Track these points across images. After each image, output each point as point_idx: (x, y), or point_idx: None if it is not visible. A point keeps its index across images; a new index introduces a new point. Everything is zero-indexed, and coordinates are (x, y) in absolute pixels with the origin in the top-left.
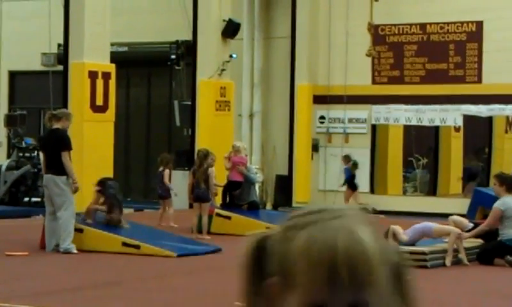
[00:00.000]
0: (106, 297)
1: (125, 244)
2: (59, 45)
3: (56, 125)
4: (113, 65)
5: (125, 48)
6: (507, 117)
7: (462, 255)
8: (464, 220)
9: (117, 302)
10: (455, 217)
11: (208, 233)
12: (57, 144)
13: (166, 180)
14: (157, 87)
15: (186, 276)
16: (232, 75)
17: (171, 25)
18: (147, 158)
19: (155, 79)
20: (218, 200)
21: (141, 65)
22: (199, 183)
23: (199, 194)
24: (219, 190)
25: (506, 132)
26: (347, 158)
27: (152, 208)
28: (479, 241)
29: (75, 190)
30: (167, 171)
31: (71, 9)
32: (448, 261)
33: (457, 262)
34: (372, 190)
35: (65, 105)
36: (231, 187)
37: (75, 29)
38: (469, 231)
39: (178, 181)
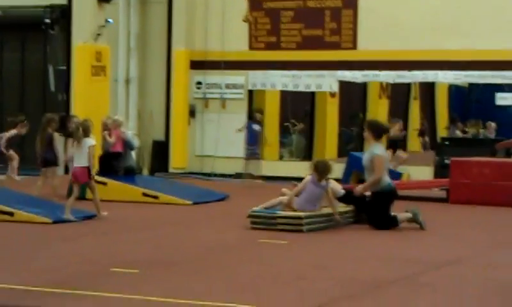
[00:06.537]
0: None
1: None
2: None
3: None
4: None
5: None
6: (381, 83)
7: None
8: (338, 186)
9: None
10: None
11: (81, 199)
12: None
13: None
14: (31, 52)
15: (64, 243)
16: (108, 40)
17: None
18: None
19: (29, 44)
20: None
21: (14, 29)
22: (43, 147)
23: (46, 157)
24: (96, 160)
25: (380, 97)
26: None
27: (31, 175)
28: (351, 207)
29: None
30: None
31: None
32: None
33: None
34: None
35: None
36: (111, 158)
37: None
38: (340, 197)
39: None
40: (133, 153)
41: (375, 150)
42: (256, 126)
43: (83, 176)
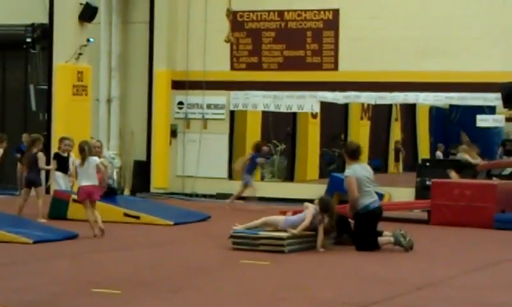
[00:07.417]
0: None
1: None
2: None
3: None
4: None
5: None
6: (362, 104)
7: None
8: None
9: None
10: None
11: (63, 218)
12: None
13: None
14: (12, 71)
15: (45, 262)
16: (90, 59)
17: (26, 8)
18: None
19: (10, 63)
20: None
21: None
22: (28, 168)
23: (30, 177)
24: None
25: (361, 118)
26: None
27: (7, 194)
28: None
29: None
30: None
31: None
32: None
33: (312, 247)
34: (230, 177)
35: None
36: None
37: None
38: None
39: None
40: (114, 174)
41: (346, 172)
42: (259, 159)
43: (97, 194)
